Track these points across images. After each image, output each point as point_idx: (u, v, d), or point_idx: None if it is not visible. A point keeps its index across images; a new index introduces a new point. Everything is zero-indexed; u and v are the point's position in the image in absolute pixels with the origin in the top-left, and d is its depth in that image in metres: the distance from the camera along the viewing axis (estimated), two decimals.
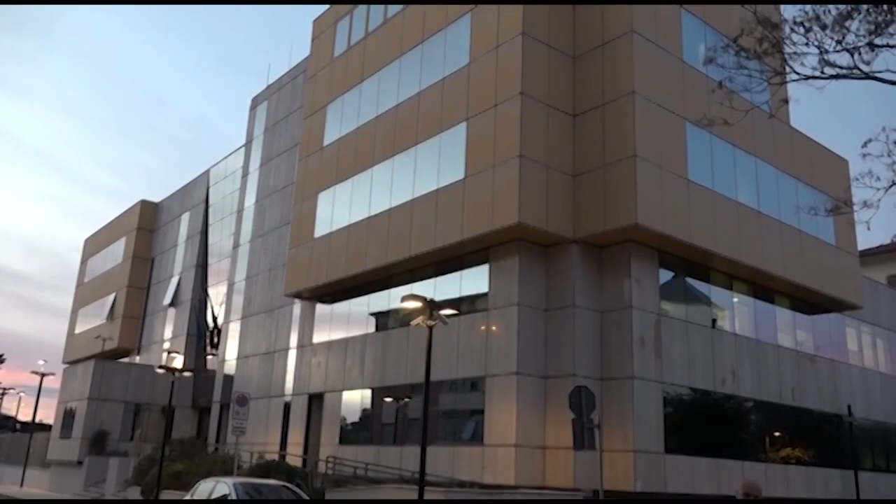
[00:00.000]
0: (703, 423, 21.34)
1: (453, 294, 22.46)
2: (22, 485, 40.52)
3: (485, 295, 21.38)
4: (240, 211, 37.13)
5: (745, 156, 23.53)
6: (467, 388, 21.85)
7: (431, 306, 15.09)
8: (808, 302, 26.12)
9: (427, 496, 14.23)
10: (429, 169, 23.02)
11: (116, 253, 49.93)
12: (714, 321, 22.71)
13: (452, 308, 19.26)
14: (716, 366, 21.88)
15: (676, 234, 20.39)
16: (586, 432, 15.81)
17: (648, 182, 20.02)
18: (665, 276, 21.34)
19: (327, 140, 28.89)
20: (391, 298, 24.98)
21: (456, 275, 22.65)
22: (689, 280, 22.35)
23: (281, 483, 16.25)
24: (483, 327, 21.00)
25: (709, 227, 21.51)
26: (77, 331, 53.34)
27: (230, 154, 41.14)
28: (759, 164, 23.97)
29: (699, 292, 22.63)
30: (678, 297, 21.72)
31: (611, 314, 20.29)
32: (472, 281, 22.15)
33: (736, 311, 23.57)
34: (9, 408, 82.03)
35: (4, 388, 55.47)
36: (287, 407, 29.23)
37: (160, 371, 28.12)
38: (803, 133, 26.81)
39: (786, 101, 10.61)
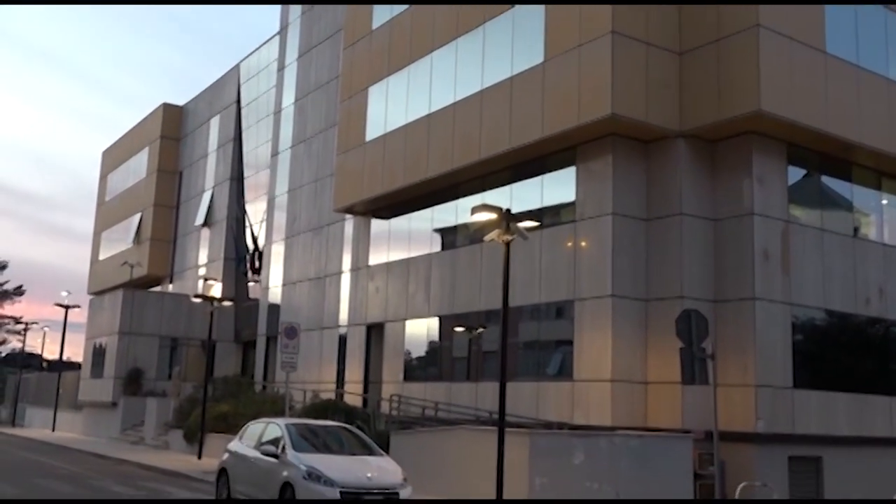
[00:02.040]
0: (842, 353, 21.03)
1: (533, 203, 22.36)
2: (54, 429, 43.35)
3: (572, 204, 21.24)
4: (277, 112, 37.43)
5: None
6: (552, 315, 22.00)
7: (508, 218, 15.04)
8: None
9: (509, 439, 14.56)
10: (500, 52, 22.60)
11: (139, 166, 51.32)
12: (856, 229, 22.06)
13: (533, 220, 19.19)
14: (858, 283, 21.36)
15: (810, 122, 19.65)
16: (697, 364, 15.79)
17: (775, 58, 19.20)
18: (795, 174, 20.71)
19: (377, 22, 28.55)
20: (459, 211, 25.06)
21: (536, 180, 22.51)
22: (826, 179, 21.64)
23: (339, 425, 16.82)
24: (570, 242, 20.96)
25: (851, 113, 20.62)
26: (101, 257, 55.66)
27: (262, 44, 41.23)
28: None
29: (837, 194, 21.92)
30: (811, 201, 21.10)
31: (727, 223, 19.92)
32: (557, 187, 21.98)
33: (885, 217, 22.79)
34: (33, 345, 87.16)
35: (27, 323, 58.58)
36: (343, 339, 30.08)
37: (196, 301, 29.18)
38: None
39: None
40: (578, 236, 20.77)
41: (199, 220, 44.01)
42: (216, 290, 39.22)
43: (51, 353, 76.85)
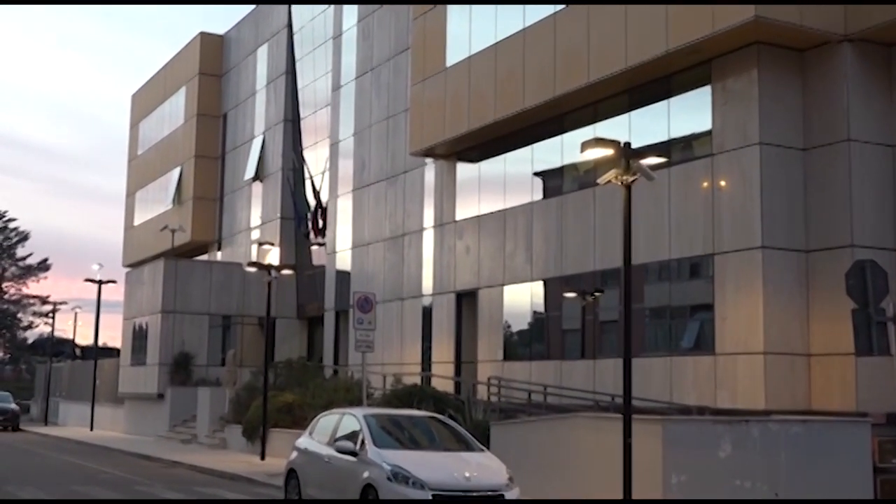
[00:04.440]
0: None
1: (658, 135, 22.13)
2: (92, 427, 45.19)
3: (707, 133, 21.00)
4: (337, 37, 37.68)
5: None
6: (685, 274, 21.83)
7: (627, 154, 14.86)
8: None
9: (638, 428, 14.53)
10: None
11: (175, 111, 52.48)
12: None
13: (659, 155, 18.92)
14: None
15: None
16: (875, 329, 15.40)
17: None
18: None
19: None
20: (565, 148, 24.91)
21: (661, 106, 22.26)
22: None
23: (428, 415, 17.08)
24: (706, 182, 20.72)
25: None
26: (136, 222, 57.40)
27: None
28: None
29: None
30: None
31: None
32: (687, 113, 21.73)
33: None
34: (63, 329, 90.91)
35: (55, 304, 61.03)
36: (427, 312, 30.41)
37: (251, 270, 29.86)
38: None
39: None
40: (717, 174, 20.52)
41: (250, 172, 44.81)
42: (273, 256, 39.95)
43: (84, 338, 79.85)
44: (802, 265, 19.71)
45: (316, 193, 39.17)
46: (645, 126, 22.53)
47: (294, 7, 42.81)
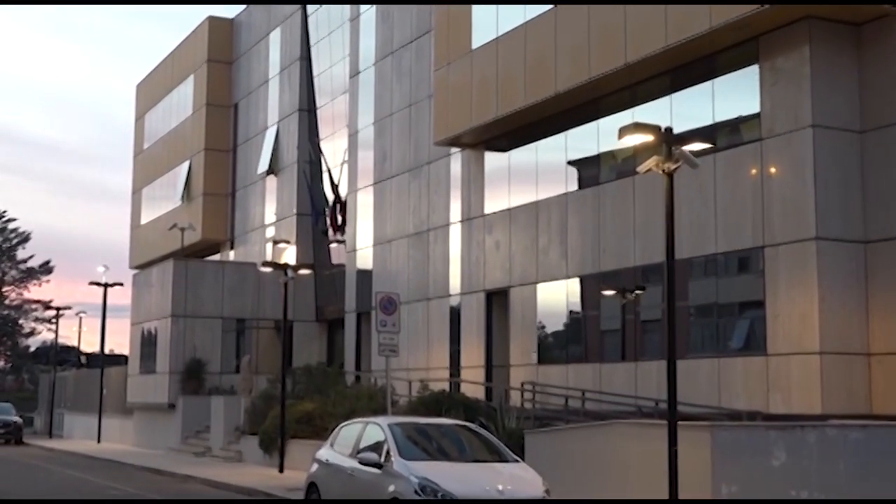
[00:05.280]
0: None
1: (702, 119, 22.09)
2: (99, 439, 45.61)
3: (755, 116, 20.93)
4: (354, 18, 37.75)
5: None
6: (733, 268, 21.77)
7: (669, 140, 14.82)
8: None
9: (684, 435, 14.49)
10: None
11: (183, 101, 52.76)
12: None
13: (703, 141, 18.89)
14: None
15: None
16: None
17: None
18: None
19: None
20: (602, 135, 24.87)
21: (704, 88, 22.23)
22: None
23: (457, 423, 17.06)
24: (755, 169, 20.65)
25: None
26: (143, 220, 57.81)
27: None
28: None
29: None
30: None
31: None
32: (733, 95, 21.67)
33: None
34: (67, 336, 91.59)
35: (58, 309, 61.40)
36: (455, 313, 30.44)
37: (266, 270, 29.93)
38: None
39: None
40: (766, 160, 20.44)
41: (263, 166, 44.98)
42: (289, 255, 39.80)
43: (89, 345, 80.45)
44: (860, 257, 19.60)
45: (334, 187, 39.24)
46: (688, 109, 22.45)
47: None
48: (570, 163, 26.45)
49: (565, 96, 24.80)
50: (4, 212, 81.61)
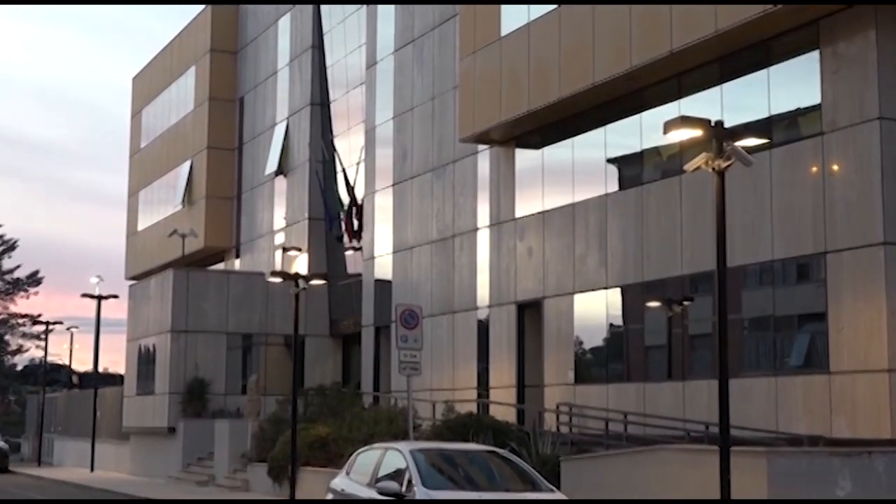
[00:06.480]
0: None
1: (756, 112, 22.05)
2: (93, 467, 45.78)
3: (815, 108, 20.92)
4: (371, 3, 37.76)
5: None
6: (792, 277, 21.73)
7: (719, 135, 14.83)
8: None
9: (738, 461, 14.46)
10: None
11: (183, 95, 52.99)
12: None
13: (757, 136, 18.82)
14: None
15: None
16: None
17: None
18: None
19: None
20: (644, 129, 24.88)
21: (758, 77, 22.20)
22: None
23: (486, 448, 17.08)
24: (816, 166, 20.61)
25: None
26: (140, 226, 58.10)
27: None
28: None
29: None
30: None
31: None
32: (790, 85, 21.65)
33: None
34: (58, 353, 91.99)
35: (48, 323, 61.76)
36: (484, 327, 30.44)
37: (274, 281, 29.96)
38: None
39: None
40: (828, 156, 20.40)
41: (272, 166, 45.08)
42: (301, 263, 40.16)
43: (81, 364, 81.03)
44: None
45: (350, 189, 39.31)
46: (740, 101, 22.46)
47: None
48: (609, 161, 26.45)
49: (604, 87, 24.79)
50: None
